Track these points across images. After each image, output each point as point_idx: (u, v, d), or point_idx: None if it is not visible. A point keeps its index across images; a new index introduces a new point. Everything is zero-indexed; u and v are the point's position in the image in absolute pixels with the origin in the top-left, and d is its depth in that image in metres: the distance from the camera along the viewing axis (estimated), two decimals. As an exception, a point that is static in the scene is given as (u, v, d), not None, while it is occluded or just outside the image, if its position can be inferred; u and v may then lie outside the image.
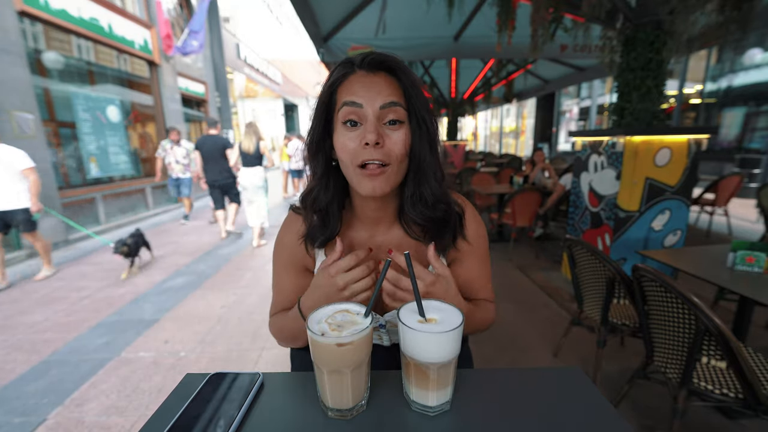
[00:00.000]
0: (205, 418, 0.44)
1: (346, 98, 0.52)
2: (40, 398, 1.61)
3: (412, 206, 0.58)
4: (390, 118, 0.53)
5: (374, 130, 0.51)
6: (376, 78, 0.53)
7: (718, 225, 4.26)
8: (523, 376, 0.54)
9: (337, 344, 0.42)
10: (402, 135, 0.53)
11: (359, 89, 0.52)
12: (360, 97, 0.52)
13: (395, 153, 0.53)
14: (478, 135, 20.24)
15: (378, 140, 0.51)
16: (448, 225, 0.60)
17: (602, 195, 2.44)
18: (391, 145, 0.53)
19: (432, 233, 0.60)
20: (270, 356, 1.92)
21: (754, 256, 1.30)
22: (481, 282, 0.70)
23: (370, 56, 0.54)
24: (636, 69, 2.31)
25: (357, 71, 0.54)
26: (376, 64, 0.54)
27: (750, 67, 6.41)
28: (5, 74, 3.55)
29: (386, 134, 0.53)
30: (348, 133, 0.53)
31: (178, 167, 4.92)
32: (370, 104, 0.52)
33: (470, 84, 7.79)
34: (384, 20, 4.00)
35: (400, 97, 0.53)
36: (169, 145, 4.83)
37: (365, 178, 0.53)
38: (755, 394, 1.01)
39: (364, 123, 0.52)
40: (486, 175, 4.76)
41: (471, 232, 0.64)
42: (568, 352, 1.90)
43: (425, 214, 0.58)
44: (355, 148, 0.52)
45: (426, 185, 0.57)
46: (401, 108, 0.53)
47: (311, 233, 0.61)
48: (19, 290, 2.91)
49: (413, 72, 0.56)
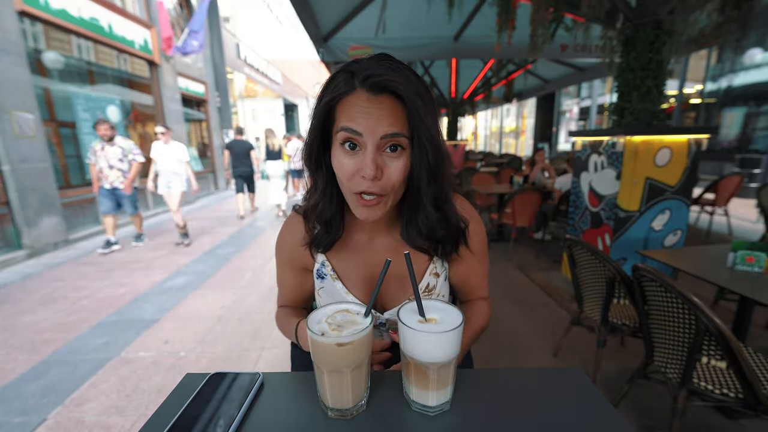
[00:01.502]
0: (205, 418, 0.44)
1: (345, 123, 0.49)
2: (40, 398, 1.61)
3: (408, 235, 0.59)
4: (391, 144, 0.49)
5: (372, 163, 0.48)
6: (378, 104, 0.48)
7: (718, 225, 4.26)
8: (523, 376, 0.54)
9: (337, 344, 0.42)
10: (401, 163, 0.50)
11: (359, 116, 0.48)
12: (359, 125, 0.48)
13: (392, 182, 0.51)
14: (478, 135, 20.24)
15: (376, 174, 0.48)
16: (449, 240, 0.60)
17: (602, 195, 2.44)
18: (389, 174, 0.50)
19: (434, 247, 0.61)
20: (270, 356, 1.92)
21: (754, 256, 1.30)
22: (477, 280, 0.70)
23: (373, 76, 0.48)
24: (636, 69, 2.31)
25: (357, 90, 0.49)
26: (380, 88, 0.48)
27: (750, 66, 6.41)
28: (5, 74, 3.54)
29: (385, 164, 0.50)
30: (346, 157, 0.50)
31: (114, 174, 3.60)
32: (371, 134, 0.48)
33: (470, 84, 7.79)
34: (384, 20, 4.00)
35: (403, 125, 0.49)
36: (99, 146, 3.53)
37: (361, 206, 0.52)
38: (755, 394, 1.01)
39: (363, 151, 0.49)
40: (486, 175, 4.76)
41: (474, 241, 0.63)
42: (568, 352, 1.90)
43: (418, 242, 0.59)
44: (352, 173, 0.50)
45: (420, 213, 0.55)
46: (404, 138, 0.49)
47: (315, 240, 0.62)
48: (19, 290, 2.91)
49: (422, 89, 0.50)
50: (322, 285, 0.66)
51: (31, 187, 3.77)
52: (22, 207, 3.67)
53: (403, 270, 0.52)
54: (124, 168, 3.66)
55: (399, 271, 0.59)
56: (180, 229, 4.09)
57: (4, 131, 3.50)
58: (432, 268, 0.64)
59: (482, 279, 0.71)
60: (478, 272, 0.69)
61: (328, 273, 0.64)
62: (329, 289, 0.65)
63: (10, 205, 3.63)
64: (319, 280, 0.66)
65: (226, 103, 9.39)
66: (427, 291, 0.64)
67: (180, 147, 3.96)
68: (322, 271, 0.65)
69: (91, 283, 3.02)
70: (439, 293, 0.65)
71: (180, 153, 3.93)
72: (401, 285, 0.63)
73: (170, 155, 3.89)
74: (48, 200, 3.97)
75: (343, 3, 3.89)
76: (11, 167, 3.57)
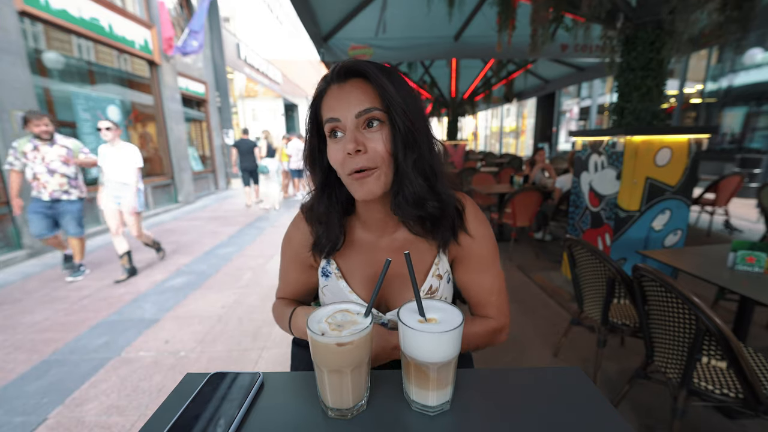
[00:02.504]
0: (206, 418, 0.44)
1: (327, 114, 0.54)
2: (40, 398, 1.61)
3: (398, 206, 0.58)
4: (368, 120, 0.53)
5: (352, 140, 0.51)
6: (347, 87, 0.53)
7: (718, 225, 4.26)
8: (523, 376, 0.54)
9: (337, 344, 0.42)
10: (383, 135, 0.53)
11: (335, 103, 0.53)
12: (336, 111, 0.53)
13: (379, 154, 0.53)
14: (478, 135, 20.23)
15: (358, 148, 0.51)
16: (444, 220, 0.60)
17: (602, 195, 2.44)
18: (373, 147, 0.53)
19: (431, 230, 0.61)
20: (270, 356, 1.92)
21: (755, 256, 1.30)
22: (483, 293, 0.65)
23: (338, 67, 0.54)
24: (636, 69, 2.31)
25: (332, 85, 0.55)
26: (345, 74, 0.54)
27: (750, 66, 6.40)
28: (6, 74, 3.55)
29: (367, 138, 0.53)
30: (334, 146, 0.55)
31: (56, 181, 2.77)
32: (347, 115, 0.52)
33: (470, 84, 7.79)
34: (384, 20, 4.00)
35: (375, 99, 0.52)
36: (29, 146, 2.71)
37: (356, 183, 0.54)
38: (755, 394, 1.01)
39: (345, 133, 0.53)
40: (486, 174, 4.76)
41: (472, 226, 0.63)
42: (568, 352, 1.90)
43: (411, 213, 0.57)
44: (342, 159, 0.53)
45: (408, 184, 0.56)
46: (378, 110, 0.52)
47: (317, 244, 0.63)
48: (19, 289, 2.91)
49: (390, 70, 0.55)
50: (327, 283, 0.66)
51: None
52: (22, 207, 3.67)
53: (405, 271, 0.52)
54: (70, 173, 2.83)
55: (402, 270, 0.59)
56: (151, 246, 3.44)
57: (4, 131, 3.51)
58: (435, 269, 0.63)
59: (489, 293, 0.65)
60: (482, 283, 0.65)
61: (333, 272, 0.65)
62: (333, 288, 0.65)
63: (10, 205, 3.63)
64: (324, 279, 0.67)
65: (226, 103, 9.39)
66: (429, 293, 0.64)
67: (131, 150, 2.97)
68: (327, 270, 0.66)
69: (91, 282, 3.02)
70: (441, 296, 0.64)
71: (131, 157, 2.95)
72: (404, 284, 0.63)
73: (118, 160, 2.93)
74: (48, 200, 3.97)
75: (344, 3, 3.89)
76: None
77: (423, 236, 0.62)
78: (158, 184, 6.27)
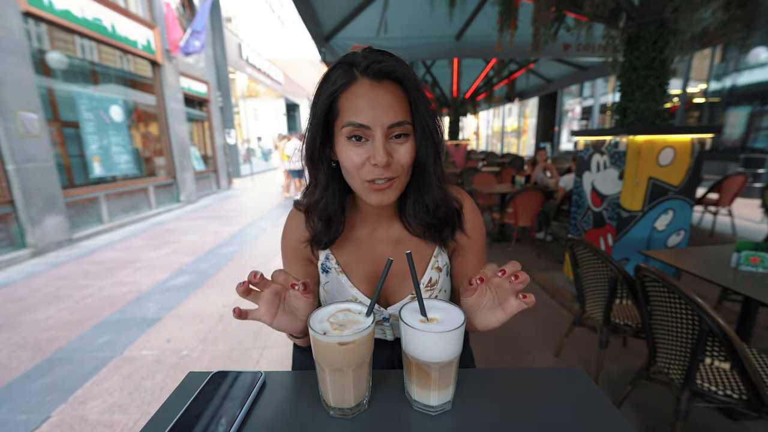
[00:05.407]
0: (207, 417, 0.44)
1: (351, 117, 0.49)
2: (43, 396, 1.62)
3: (414, 214, 0.58)
4: (397, 132, 0.51)
5: (383, 152, 0.49)
6: (381, 90, 0.49)
7: (722, 225, 4.24)
8: (524, 376, 0.54)
9: (339, 343, 0.42)
10: (408, 147, 0.52)
11: (364, 107, 0.48)
12: (366, 118, 0.48)
13: (402, 165, 0.52)
14: (479, 134, 20.19)
15: (388, 161, 0.49)
16: (448, 224, 0.61)
17: (605, 195, 2.43)
18: (398, 158, 0.51)
19: (432, 232, 0.61)
20: (272, 355, 1.93)
21: (758, 256, 1.29)
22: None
23: (374, 63, 0.49)
24: (639, 68, 2.30)
25: (360, 79, 0.49)
26: (383, 74, 0.49)
27: (754, 65, 6.36)
28: (10, 74, 3.56)
29: (393, 149, 0.51)
30: (354, 149, 0.51)
31: None
32: (378, 124, 0.49)
33: (472, 83, 7.78)
34: (385, 20, 3.99)
35: (407, 111, 0.51)
36: None
37: (373, 192, 0.53)
38: (759, 396, 1.00)
39: (371, 141, 0.50)
40: (488, 174, 4.75)
41: (470, 225, 0.64)
42: (569, 352, 1.89)
43: (426, 220, 0.58)
44: (361, 164, 0.51)
45: (428, 192, 0.56)
46: (408, 124, 0.51)
47: (316, 238, 0.62)
48: (23, 288, 2.93)
49: (415, 74, 0.53)
50: (327, 279, 0.66)
51: (35, 187, 3.80)
52: (26, 206, 3.69)
53: (406, 266, 0.52)
54: None
55: (402, 267, 0.59)
56: None
57: (8, 131, 3.53)
58: (434, 262, 0.64)
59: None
60: (474, 269, 0.65)
61: (333, 267, 0.65)
62: (334, 283, 0.65)
63: (14, 204, 3.65)
64: (324, 275, 0.66)
65: (228, 103, 9.41)
66: (429, 285, 0.63)
67: None
68: (326, 265, 0.65)
69: (94, 281, 3.03)
70: (441, 288, 0.64)
71: None
72: (404, 281, 0.63)
73: None
74: (52, 199, 3.99)
75: (345, 3, 3.89)
76: (15, 167, 3.59)
77: (422, 237, 0.62)
78: (160, 183, 6.29)
